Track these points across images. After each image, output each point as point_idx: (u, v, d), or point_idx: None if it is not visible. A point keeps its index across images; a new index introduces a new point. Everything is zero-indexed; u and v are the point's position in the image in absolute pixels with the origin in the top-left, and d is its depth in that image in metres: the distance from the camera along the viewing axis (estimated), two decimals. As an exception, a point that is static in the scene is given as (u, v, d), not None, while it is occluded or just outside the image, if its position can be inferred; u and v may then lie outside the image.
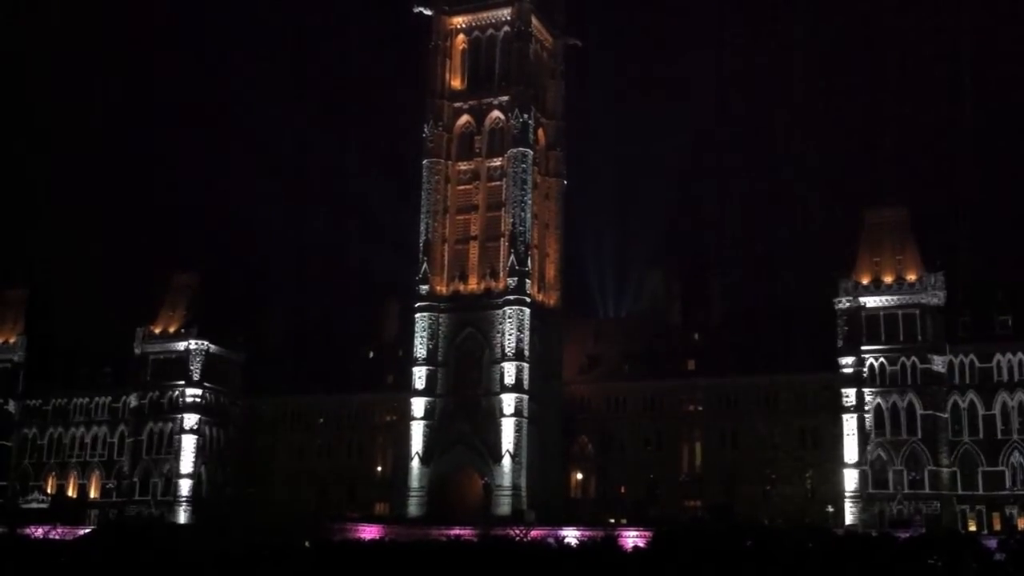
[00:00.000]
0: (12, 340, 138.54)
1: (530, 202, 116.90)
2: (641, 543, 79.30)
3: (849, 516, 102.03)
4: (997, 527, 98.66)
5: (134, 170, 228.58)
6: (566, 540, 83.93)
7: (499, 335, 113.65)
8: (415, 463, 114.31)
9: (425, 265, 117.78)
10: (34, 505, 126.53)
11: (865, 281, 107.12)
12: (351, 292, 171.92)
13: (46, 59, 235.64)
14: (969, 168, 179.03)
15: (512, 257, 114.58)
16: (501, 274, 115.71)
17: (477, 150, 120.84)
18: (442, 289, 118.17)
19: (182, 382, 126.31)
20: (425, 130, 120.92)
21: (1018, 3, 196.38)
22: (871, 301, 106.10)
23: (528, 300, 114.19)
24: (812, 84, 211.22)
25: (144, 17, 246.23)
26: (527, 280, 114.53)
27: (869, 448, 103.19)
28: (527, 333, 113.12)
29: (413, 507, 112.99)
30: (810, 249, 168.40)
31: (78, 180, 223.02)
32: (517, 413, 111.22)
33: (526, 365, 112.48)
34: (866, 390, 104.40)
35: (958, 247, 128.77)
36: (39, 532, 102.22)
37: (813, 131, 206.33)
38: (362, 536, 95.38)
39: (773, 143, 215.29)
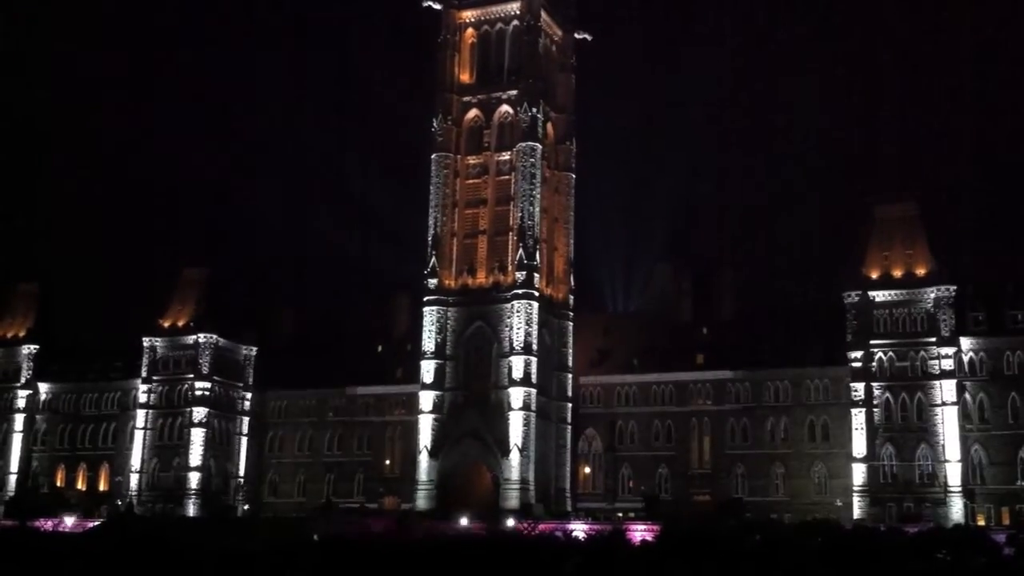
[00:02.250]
0: (23, 334, 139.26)
1: (539, 196, 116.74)
2: (649, 537, 79.20)
3: (858, 510, 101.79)
4: (1006, 521, 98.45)
5: (137, 168, 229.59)
6: (574, 534, 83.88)
7: (507, 329, 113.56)
8: (424, 457, 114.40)
9: (434, 259, 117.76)
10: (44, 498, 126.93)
11: (874, 275, 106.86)
12: (361, 287, 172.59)
13: (46, 59, 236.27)
14: (977, 165, 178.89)
15: (521, 251, 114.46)
16: (510, 268, 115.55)
17: (486, 144, 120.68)
18: (451, 283, 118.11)
19: (191, 376, 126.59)
20: (434, 124, 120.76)
21: (1018, 3, 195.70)
22: (880, 295, 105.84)
23: (537, 294, 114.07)
24: (813, 84, 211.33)
25: (144, 17, 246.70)
26: (536, 274, 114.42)
27: (878, 442, 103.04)
28: (535, 327, 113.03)
29: (422, 500, 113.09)
30: (818, 244, 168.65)
31: (83, 178, 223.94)
32: (525, 407, 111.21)
33: (534, 359, 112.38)
34: (875, 384, 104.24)
35: (967, 242, 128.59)
36: (48, 525, 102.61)
37: (817, 130, 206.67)
38: (371, 529, 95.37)
39: (779, 141, 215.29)
